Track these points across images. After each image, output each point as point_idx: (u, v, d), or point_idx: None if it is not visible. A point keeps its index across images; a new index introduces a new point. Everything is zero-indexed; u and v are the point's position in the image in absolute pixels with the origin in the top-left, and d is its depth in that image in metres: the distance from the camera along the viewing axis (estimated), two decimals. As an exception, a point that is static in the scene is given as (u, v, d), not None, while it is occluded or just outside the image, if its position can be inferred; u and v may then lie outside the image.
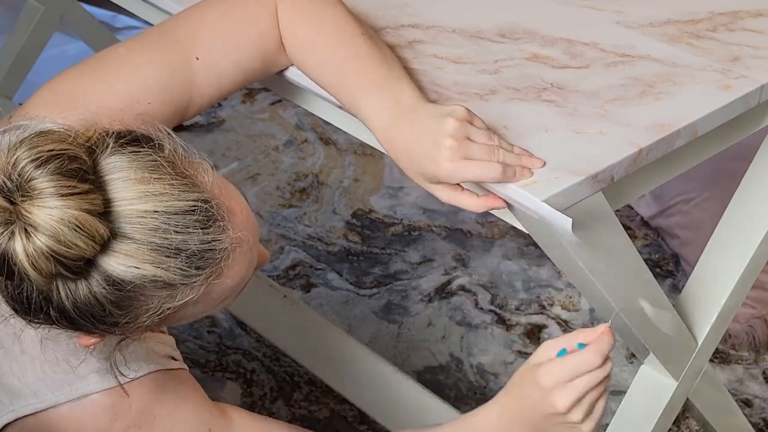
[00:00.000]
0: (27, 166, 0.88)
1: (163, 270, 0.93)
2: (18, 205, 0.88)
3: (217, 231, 0.96)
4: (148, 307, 0.96)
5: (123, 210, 0.92)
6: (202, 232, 0.95)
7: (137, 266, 0.92)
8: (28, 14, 2.30)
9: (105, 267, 0.92)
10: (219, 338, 2.11)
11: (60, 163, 0.89)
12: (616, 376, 2.06)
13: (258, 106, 2.75)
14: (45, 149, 0.89)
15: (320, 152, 2.62)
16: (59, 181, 0.88)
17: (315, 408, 1.98)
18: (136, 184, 0.93)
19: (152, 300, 0.96)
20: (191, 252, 0.94)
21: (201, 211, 0.95)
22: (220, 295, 1.02)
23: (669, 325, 1.38)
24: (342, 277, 2.26)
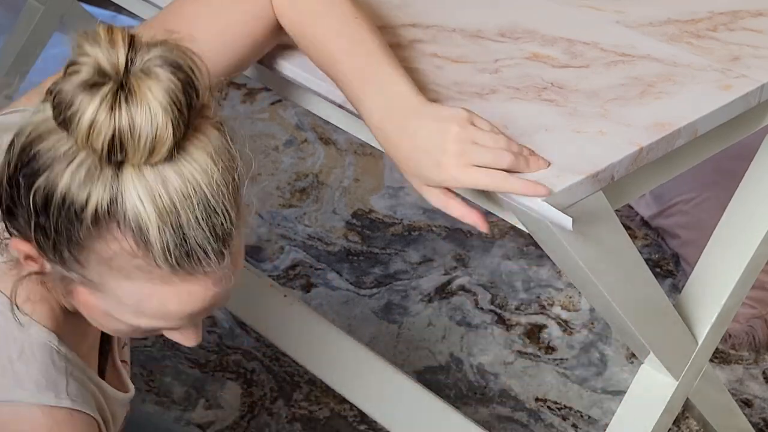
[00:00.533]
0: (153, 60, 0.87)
1: (158, 231, 0.89)
2: (130, 75, 0.86)
3: (219, 255, 0.93)
4: (101, 254, 0.91)
5: (191, 156, 0.89)
6: (212, 238, 0.92)
7: (144, 205, 0.88)
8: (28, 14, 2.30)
9: (125, 180, 0.87)
10: (219, 338, 2.11)
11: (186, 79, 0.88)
12: (616, 375, 2.07)
13: (258, 106, 2.75)
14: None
15: (320, 152, 2.62)
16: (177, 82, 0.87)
17: (315, 408, 1.98)
18: (210, 158, 0.91)
19: (113, 246, 0.90)
20: (187, 240, 0.90)
21: (224, 222, 0.93)
22: (131, 306, 0.96)
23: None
24: (342, 277, 2.26)
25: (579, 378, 2.06)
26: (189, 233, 0.90)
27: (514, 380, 2.05)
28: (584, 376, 2.07)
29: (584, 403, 2.02)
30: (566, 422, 1.98)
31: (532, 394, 2.03)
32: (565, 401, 2.02)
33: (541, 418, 1.99)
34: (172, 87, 0.87)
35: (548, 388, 2.04)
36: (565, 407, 2.01)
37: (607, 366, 2.09)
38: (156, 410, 1.97)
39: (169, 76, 0.87)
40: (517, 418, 1.98)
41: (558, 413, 2.00)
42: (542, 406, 2.01)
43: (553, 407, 2.01)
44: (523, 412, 1.99)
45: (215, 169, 0.91)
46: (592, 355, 2.11)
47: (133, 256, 0.90)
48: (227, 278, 0.96)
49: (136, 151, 0.86)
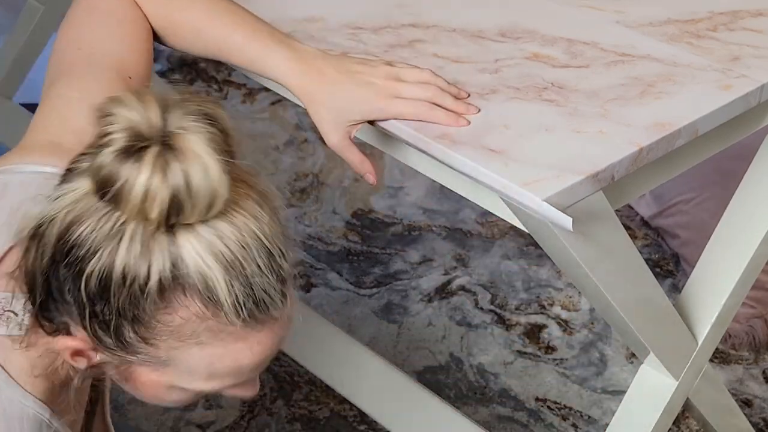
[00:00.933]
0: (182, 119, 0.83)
1: (226, 287, 0.85)
2: (168, 136, 0.82)
3: (284, 296, 0.90)
4: (169, 326, 0.86)
5: (238, 204, 0.86)
6: (275, 281, 0.88)
7: (208, 264, 0.84)
8: (28, 14, 2.30)
9: (182, 243, 0.83)
10: (219, 338, 2.11)
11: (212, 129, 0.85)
12: (616, 375, 2.07)
13: (258, 106, 2.75)
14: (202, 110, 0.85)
15: (320, 152, 2.62)
16: (211, 135, 0.84)
17: (315, 408, 1.98)
18: (256, 203, 0.88)
19: (181, 314, 0.86)
20: (254, 290, 0.87)
21: (282, 262, 0.90)
22: (202, 372, 0.91)
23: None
24: (342, 277, 2.26)
25: (579, 378, 2.06)
26: (255, 282, 0.87)
27: (514, 380, 2.05)
28: (584, 376, 2.07)
29: (584, 403, 2.02)
30: (566, 422, 1.98)
31: (532, 394, 2.03)
32: (565, 401, 2.02)
33: (541, 418, 1.99)
34: (214, 137, 0.84)
35: (548, 388, 2.04)
36: (565, 407, 2.01)
37: (607, 366, 2.09)
38: (156, 410, 1.97)
39: (207, 127, 0.84)
40: (517, 418, 1.98)
41: (558, 413, 2.00)
42: (542, 406, 2.01)
43: (553, 407, 2.01)
44: (523, 412, 1.99)
45: (263, 213, 0.89)
46: (592, 355, 2.11)
47: (203, 320, 0.86)
48: (290, 319, 0.94)
49: (194, 210, 0.83)
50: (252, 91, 2.77)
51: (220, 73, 2.81)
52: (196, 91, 0.88)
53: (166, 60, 2.86)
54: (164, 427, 1.94)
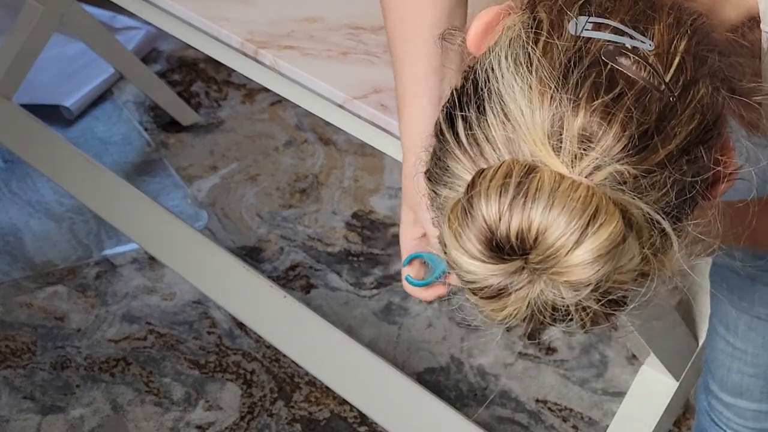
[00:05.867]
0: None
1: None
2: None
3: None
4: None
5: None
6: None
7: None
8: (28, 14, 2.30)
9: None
10: (219, 339, 2.11)
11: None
12: (617, 377, 2.06)
13: (258, 106, 2.74)
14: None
15: (320, 153, 2.61)
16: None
17: (315, 409, 1.98)
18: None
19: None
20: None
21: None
22: None
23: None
24: (342, 278, 2.26)
25: (579, 379, 2.06)
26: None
27: (515, 381, 2.05)
28: (585, 378, 2.06)
29: (585, 404, 2.01)
30: (566, 423, 1.98)
31: (533, 395, 2.03)
32: (565, 402, 2.02)
33: (542, 420, 1.98)
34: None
35: (548, 389, 2.04)
36: (565, 408, 2.01)
37: (607, 367, 2.09)
38: (156, 411, 1.96)
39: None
40: (517, 419, 1.98)
41: (558, 414, 1.99)
42: (542, 407, 2.01)
43: (553, 408, 2.00)
44: (524, 414, 1.99)
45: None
46: (592, 357, 2.11)
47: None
48: None
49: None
50: (251, 92, 2.77)
51: (220, 74, 2.81)
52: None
53: (165, 60, 2.85)
54: (164, 428, 1.93)
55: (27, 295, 2.18)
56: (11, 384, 1.99)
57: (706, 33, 0.80)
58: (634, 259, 0.74)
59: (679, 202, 0.75)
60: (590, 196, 0.71)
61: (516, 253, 0.73)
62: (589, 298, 0.74)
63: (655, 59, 0.75)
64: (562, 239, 0.71)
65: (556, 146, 0.72)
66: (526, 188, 0.71)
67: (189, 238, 1.99)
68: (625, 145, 0.72)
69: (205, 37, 1.46)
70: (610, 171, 0.72)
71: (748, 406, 1.28)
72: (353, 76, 1.30)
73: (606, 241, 0.71)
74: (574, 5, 0.77)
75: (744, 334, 1.24)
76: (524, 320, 0.76)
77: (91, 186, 2.13)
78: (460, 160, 0.76)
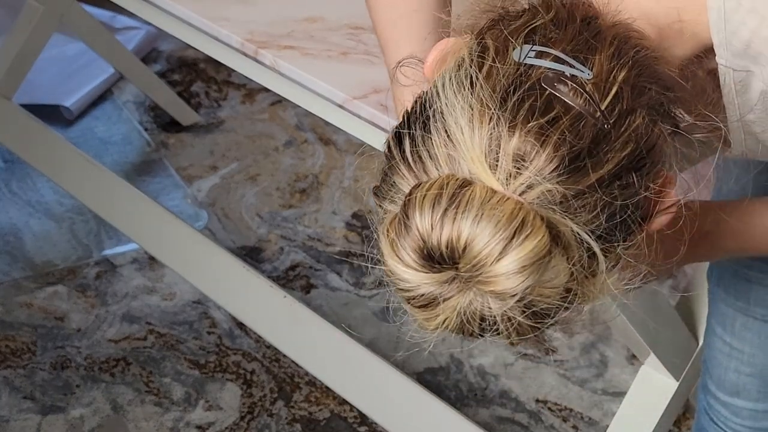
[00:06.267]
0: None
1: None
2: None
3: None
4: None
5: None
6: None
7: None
8: (28, 14, 2.30)
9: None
10: (219, 339, 2.11)
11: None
12: (617, 377, 2.06)
13: (258, 106, 2.74)
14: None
15: (320, 152, 2.62)
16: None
17: (315, 409, 1.98)
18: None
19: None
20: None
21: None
22: None
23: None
24: (342, 278, 2.26)
25: (579, 379, 2.06)
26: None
27: (515, 381, 2.05)
28: (585, 378, 2.06)
29: (585, 404, 2.01)
30: (566, 423, 1.98)
31: (533, 395, 2.03)
32: (565, 402, 2.02)
33: (542, 420, 1.98)
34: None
35: (548, 389, 2.04)
36: (565, 408, 2.01)
37: (607, 367, 2.09)
38: (156, 411, 1.96)
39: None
40: (517, 419, 1.98)
41: (558, 414, 1.99)
42: (542, 407, 2.01)
43: (553, 408, 2.00)
44: (524, 414, 1.99)
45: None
46: (592, 357, 2.11)
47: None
48: None
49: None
50: (251, 92, 2.77)
51: (220, 74, 2.81)
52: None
53: (165, 60, 2.85)
54: (164, 428, 1.93)
55: (27, 295, 2.18)
56: (11, 384, 1.99)
57: (649, 65, 0.83)
58: (560, 275, 0.77)
59: (610, 225, 0.78)
60: (518, 210, 0.74)
61: (447, 262, 0.76)
62: (515, 309, 0.77)
63: (593, 87, 0.78)
64: (486, 249, 0.74)
65: (493, 164, 0.76)
66: (458, 201, 0.75)
67: (189, 238, 1.99)
68: (557, 166, 0.75)
69: (205, 37, 1.46)
70: (542, 190, 0.75)
71: (745, 405, 1.29)
72: (353, 76, 1.30)
73: (530, 253, 0.74)
74: (520, 34, 0.81)
75: (740, 333, 1.25)
76: (455, 330, 0.82)
77: (91, 186, 2.13)
78: (405, 177, 0.80)
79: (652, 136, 0.80)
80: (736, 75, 0.85)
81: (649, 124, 0.80)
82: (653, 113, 0.81)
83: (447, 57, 0.84)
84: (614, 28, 0.83)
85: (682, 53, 0.87)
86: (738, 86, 0.86)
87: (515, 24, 0.82)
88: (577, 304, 0.80)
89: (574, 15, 0.82)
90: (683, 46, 0.87)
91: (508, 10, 0.85)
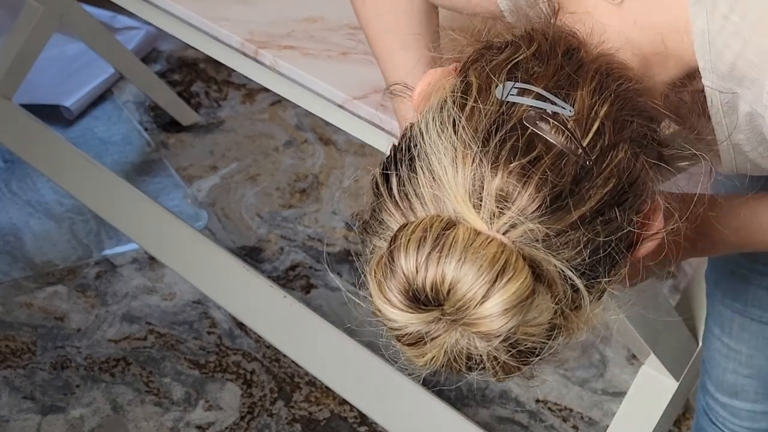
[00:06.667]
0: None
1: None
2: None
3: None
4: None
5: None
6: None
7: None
8: (28, 14, 2.30)
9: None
10: (219, 339, 2.11)
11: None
12: (617, 377, 2.06)
13: (258, 106, 2.74)
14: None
15: (320, 152, 2.61)
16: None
17: (315, 409, 1.98)
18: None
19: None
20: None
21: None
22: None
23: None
24: (342, 278, 2.26)
25: (579, 379, 2.06)
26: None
27: (515, 381, 2.05)
28: (585, 378, 2.06)
29: (584, 404, 2.01)
30: (566, 423, 1.98)
31: (533, 395, 2.03)
32: (565, 402, 2.01)
33: (542, 420, 1.98)
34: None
35: (548, 389, 2.04)
36: (565, 408, 2.01)
37: (607, 367, 2.09)
38: (156, 411, 1.96)
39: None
40: (517, 419, 1.98)
41: (558, 414, 1.99)
42: (542, 407, 2.01)
43: (553, 408, 2.00)
44: (524, 414, 1.99)
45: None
46: (592, 357, 2.10)
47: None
48: None
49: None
50: (251, 92, 2.77)
51: (220, 74, 2.81)
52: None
53: (165, 60, 2.85)
54: (164, 428, 1.93)
55: (27, 295, 2.18)
56: (11, 384, 1.99)
57: (631, 98, 0.83)
58: (544, 313, 0.78)
59: (594, 260, 0.79)
60: (500, 253, 0.75)
61: (432, 303, 0.78)
62: (500, 349, 0.79)
63: (574, 124, 0.79)
64: (471, 292, 0.75)
65: (477, 204, 0.77)
66: (441, 243, 0.76)
67: (189, 238, 1.99)
68: (539, 206, 0.76)
69: (205, 37, 1.46)
70: (525, 229, 0.76)
71: (743, 406, 1.29)
72: (353, 76, 1.30)
73: (513, 296, 0.75)
74: (502, 70, 0.82)
75: (738, 334, 1.25)
76: (443, 367, 0.84)
77: (91, 186, 2.13)
78: (392, 214, 0.82)
79: (634, 170, 0.81)
80: (722, 97, 0.86)
81: (632, 158, 0.81)
82: (635, 146, 0.81)
83: (432, 92, 0.85)
84: (597, 61, 0.83)
85: (667, 78, 0.88)
86: (725, 107, 0.87)
87: (498, 59, 0.83)
88: (562, 339, 0.81)
89: (556, 49, 0.83)
90: (667, 72, 0.88)
91: (492, 43, 0.86)
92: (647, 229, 0.83)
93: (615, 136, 0.80)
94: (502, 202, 0.76)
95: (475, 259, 0.75)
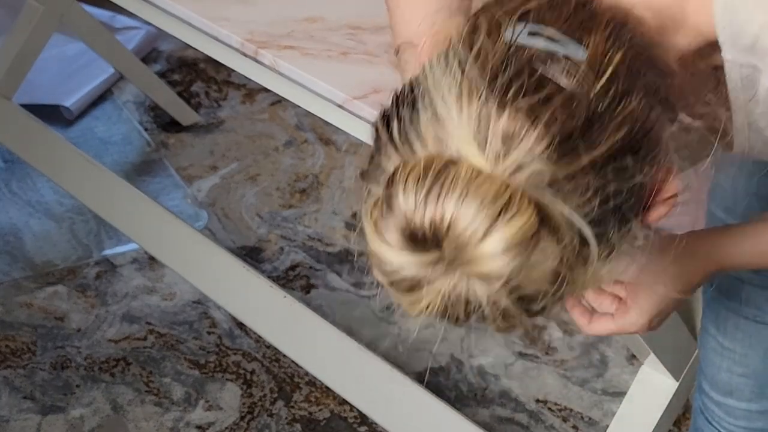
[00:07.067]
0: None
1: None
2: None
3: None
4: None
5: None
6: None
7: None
8: (28, 14, 2.30)
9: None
10: (219, 339, 2.11)
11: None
12: (617, 377, 2.06)
13: (258, 106, 2.74)
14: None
15: (320, 152, 2.61)
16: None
17: (315, 409, 1.98)
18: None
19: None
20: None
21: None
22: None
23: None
24: (342, 278, 2.26)
25: (579, 379, 2.06)
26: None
27: (515, 381, 2.05)
28: (585, 378, 2.06)
29: (585, 404, 2.01)
30: (567, 423, 1.98)
31: (533, 395, 2.03)
32: (565, 402, 2.01)
33: (542, 420, 1.98)
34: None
35: (549, 389, 2.04)
36: (565, 408, 2.01)
37: (607, 367, 2.09)
38: (156, 411, 1.96)
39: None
40: (517, 419, 1.98)
41: (558, 414, 1.99)
42: (543, 407, 2.01)
43: (553, 408, 2.00)
44: (524, 414, 1.99)
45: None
46: (592, 357, 2.11)
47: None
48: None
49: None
50: (251, 92, 2.77)
51: (220, 74, 2.81)
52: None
53: (165, 60, 2.85)
54: (164, 428, 1.93)
55: (27, 295, 2.18)
56: (11, 384, 1.99)
57: (646, 49, 0.80)
58: (549, 259, 0.74)
59: (603, 211, 0.75)
60: (503, 189, 0.72)
61: (431, 243, 0.74)
62: (501, 293, 0.74)
63: (587, 67, 0.76)
64: (471, 229, 0.72)
65: (482, 144, 0.73)
66: (442, 180, 0.72)
67: (189, 238, 1.99)
68: (547, 146, 0.73)
69: (205, 37, 1.46)
70: (532, 170, 0.73)
71: (738, 405, 1.28)
72: (353, 76, 1.30)
73: (516, 234, 0.72)
74: (513, 14, 0.79)
75: (732, 333, 1.25)
76: (439, 315, 0.77)
77: (91, 186, 2.13)
78: (391, 158, 0.78)
79: (648, 120, 0.78)
80: (742, 71, 0.83)
81: (645, 108, 0.78)
82: (650, 98, 0.78)
83: (439, 41, 0.82)
84: (611, 11, 0.81)
85: (683, 45, 0.85)
86: (744, 81, 0.84)
87: (509, 5, 0.80)
88: (566, 291, 0.77)
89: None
90: (684, 37, 0.84)
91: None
92: (661, 191, 0.80)
93: (629, 83, 0.77)
94: (509, 141, 0.73)
95: (476, 194, 0.72)
